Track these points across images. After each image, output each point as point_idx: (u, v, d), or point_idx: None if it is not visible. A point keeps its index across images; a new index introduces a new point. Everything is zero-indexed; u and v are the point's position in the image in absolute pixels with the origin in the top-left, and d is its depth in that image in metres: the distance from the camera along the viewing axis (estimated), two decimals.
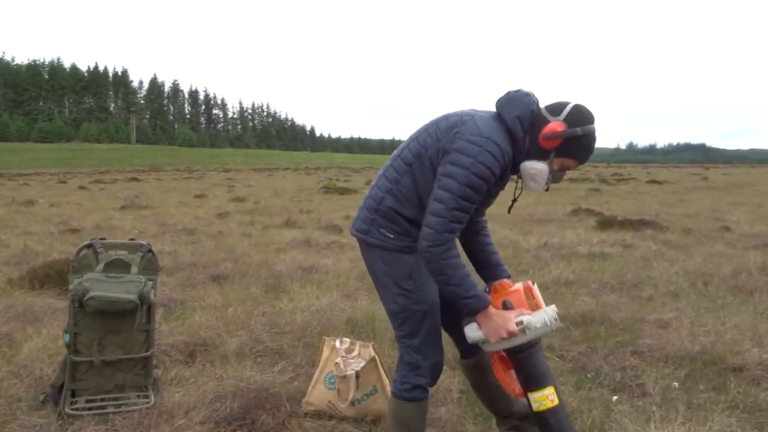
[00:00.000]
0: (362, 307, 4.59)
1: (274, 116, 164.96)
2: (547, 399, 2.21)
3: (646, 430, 2.51)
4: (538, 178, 2.14)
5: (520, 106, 2.14)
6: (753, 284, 5.51)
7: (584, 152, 2.14)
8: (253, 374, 3.27)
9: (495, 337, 2.17)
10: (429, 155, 2.16)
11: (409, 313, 2.24)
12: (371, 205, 2.27)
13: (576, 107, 2.12)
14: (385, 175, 2.27)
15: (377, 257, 2.27)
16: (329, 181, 27.74)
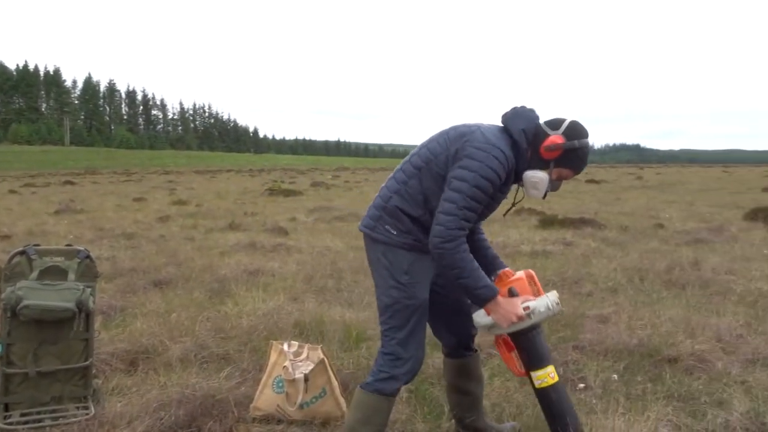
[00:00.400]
0: (310, 309, 4.56)
1: (216, 117, 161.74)
2: (548, 376, 2.42)
3: (589, 422, 2.58)
4: (539, 186, 2.34)
5: (525, 120, 2.36)
6: (685, 279, 5.78)
7: (580, 163, 2.37)
8: (198, 381, 3.20)
9: (506, 322, 2.35)
10: (437, 162, 2.34)
11: (400, 306, 2.36)
12: (379, 203, 2.44)
13: (573, 122, 2.35)
14: (395, 177, 2.45)
15: (379, 251, 2.41)
16: (274, 183, 27.41)
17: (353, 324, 4.16)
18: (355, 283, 5.85)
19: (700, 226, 9.91)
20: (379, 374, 2.38)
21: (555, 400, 2.43)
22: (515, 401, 3.11)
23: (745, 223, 10.41)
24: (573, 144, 2.30)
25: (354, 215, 12.55)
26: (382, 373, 2.37)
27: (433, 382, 3.42)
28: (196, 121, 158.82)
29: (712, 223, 10.15)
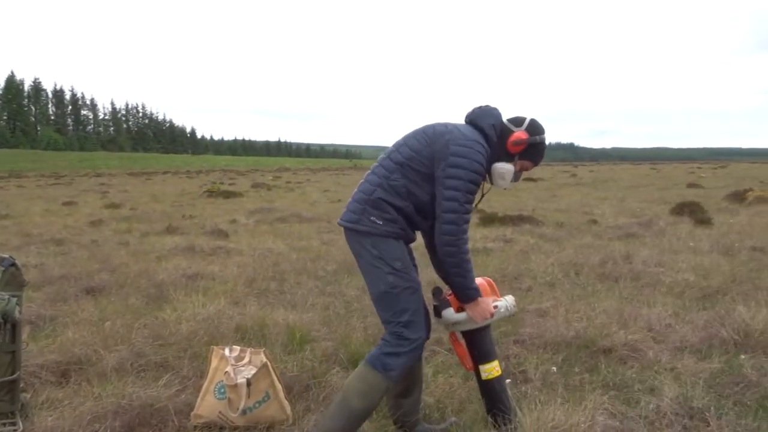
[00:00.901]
0: (252, 313, 4.48)
1: (150, 117, 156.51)
2: (494, 369, 2.74)
3: (530, 414, 2.64)
4: (506, 176, 2.60)
5: (493, 117, 2.62)
6: (618, 272, 6.02)
7: (539, 156, 2.66)
8: (135, 390, 3.08)
9: (480, 318, 2.63)
10: (419, 158, 2.51)
11: (399, 290, 2.49)
12: (361, 197, 2.55)
13: (533, 120, 2.63)
14: (375, 172, 2.58)
15: (367, 243, 2.52)
16: (213, 184, 26.81)
17: (297, 326, 4.11)
18: (298, 285, 5.79)
19: (631, 221, 10.33)
20: (385, 348, 2.50)
21: (498, 391, 2.75)
22: (458, 397, 3.15)
23: (672, 217, 10.93)
24: (535, 139, 2.59)
25: (296, 216, 12.43)
26: (389, 352, 2.48)
27: None
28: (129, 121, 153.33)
29: (641, 218, 10.61)
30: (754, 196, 14.00)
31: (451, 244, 2.46)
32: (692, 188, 20.70)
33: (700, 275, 5.83)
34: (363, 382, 2.51)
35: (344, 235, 2.65)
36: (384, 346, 2.50)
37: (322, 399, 3.11)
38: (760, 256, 6.88)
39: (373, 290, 2.55)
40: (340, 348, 3.78)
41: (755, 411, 2.94)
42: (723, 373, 3.36)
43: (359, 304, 5.02)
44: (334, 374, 3.32)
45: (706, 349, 3.77)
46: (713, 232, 8.95)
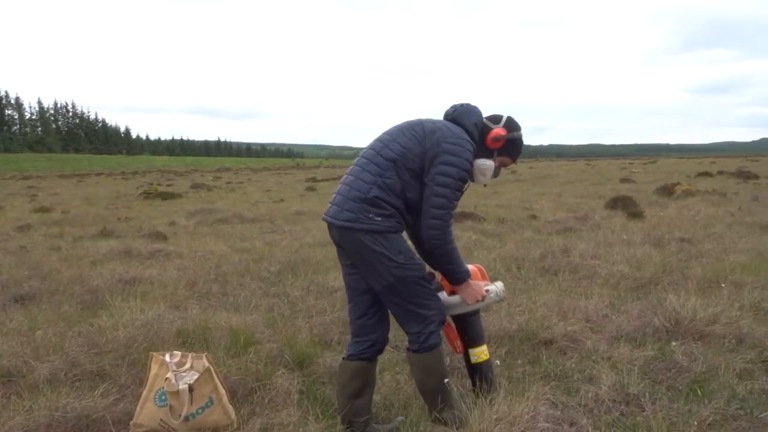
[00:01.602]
0: (193, 316, 4.36)
1: (81, 117, 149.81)
2: (483, 353, 2.92)
3: (474, 408, 2.68)
4: (486, 172, 2.70)
5: (475, 115, 2.72)
6: (557, 265, 6.19)
7: (517, 152, 2.79)
8: (70, 401, 2.95)
9: (472, 299, 2.77)
10: (412, 155, 2.57)
11: (407, 279, 2.59)
12: (357, 195, 2.58)
13: (510, 117, 2.76)
14: (367, 170, 2.61)
15: (368, 240, 2.56)
16: (150, 185, 25.98)
17: (240, 328, 4.03)
18: (241, 287, 5.69)
19: (569, 215, 10.65)
20: (420, 337, 2.66)
21: (485, 372, 2.94)
22: (405, 394, 3.16)
23: (607, 211, 11.35)
24: (513, 135, 2.73)
25: (238, 216, 12.20)
26: (421, 336, 2.65)
27: (324, 381, 3.40)
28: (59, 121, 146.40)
29: (578, 213, 10.95)
30: (681, 190, 14.70)
31: (437, 238, 2.57)
32: (625, 183, 21.54)
33: (634, 267, 6.07)
34: (423, 368, 2.69)
35: (334, 232, 2.69)
36: (418, 336, 2.66)
37: (267, 402, 3.06)
38: (688, 246, 7.22)
39: (378, 284, 2.63)
40: (285, 349, 3.73)
41: (686, 395, 3.08)
42: (656, 360, 3.51)
43: (304, 305, 4.97)
44: (279, 376, 3.27)
45: (641, 337, 3.92)
46: (645, 224, 9.33)
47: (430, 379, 2.70)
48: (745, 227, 8.85)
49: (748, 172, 23.74)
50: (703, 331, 3.88)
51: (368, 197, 2.56)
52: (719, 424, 2.76)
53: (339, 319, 4.43)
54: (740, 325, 3.95)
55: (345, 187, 2.65)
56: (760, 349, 3.64)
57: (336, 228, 2.64)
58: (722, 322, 3.97)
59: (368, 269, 2.63)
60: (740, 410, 2.87)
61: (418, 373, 2.73)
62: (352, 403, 2.75)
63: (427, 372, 2.70)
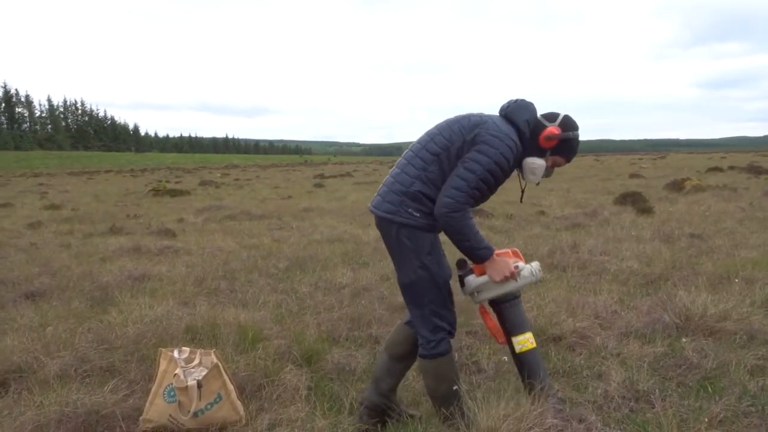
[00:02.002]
0: (202, 313, 4.37)
1: (90, 114, 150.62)
2: (528, 342, 2.70)
3: (482, 404, 2.67)
4: (537, 172, 2.64)
5: (528, 111, 2.64)
6: (566, 261, 6.16)
7: (572, 152, 2.70)
8: (80, 397, 2.96)
9: (499, 276, 2.64)
10: (456, 147, 2.56)
11: (426, 283, 2.60)
12: (399, 188, 2.61)
13: (566, 116, 2.66)
14: (412, 163, 2.62)
15: (403, 234, 2.60)
16: (158, 183, 26.08)
17: (249, 325, 4.04)
18: (249, 283, 5.70)
19: (577, 211, 10.61)
20: (429, 344, 2.64)
21: (532, 363, 2.70)
22: (413, 391, 3.16)
23: (616, 207, 11.28)
24: (568, 135, 2.62)
25: (246, 213, 12.23)
26: (431, 342, 2.64)
27: (332, 377, 3.40)
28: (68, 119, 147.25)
29: (587, 208, 10.90)
30: (691, 185, 14.59)
31: (445, 216, 2.48)
32: (634, 179, 21.42)
33: (643, 262, 6.03)
34: (433, 374, 2.68)
35: (376, 222, 2.73)
36: (427, 343, 2.65)
37: (275, 398, 3.06)
38: (698, 242, 7.17)
39: (403, 279, 2.67)
40: (294, 345, 3.74)
41: (697, 391, 3.06)
42: (666, 356, 3.48)
43: (312, 301, 4.98)
44: (288, 372, 3.28)
45: (650, 333, 3.90)
46: (654, 220, 9.27)
47: (441, 385, 2.69)
48: (756, 222, 8.77)
49: (759, 167, 23.53)
50: (714, 327, 3.85)
51: (410, 191, 2.58)
52: (730, 421, 2.73)
53: (347, 315, 4.44)
54: (751, 321, 3.91)
55: (390, 179, 2.68)
56: None
57: (377, 218, 2.70)
58: (733, 318, 3.94)
59: (398, 262, 2.67)
60: (751, 407, 2.84)
61: (428, 379, 2.72)
62: (391, 365, 2.84)
63: (438, 379, 2.69)
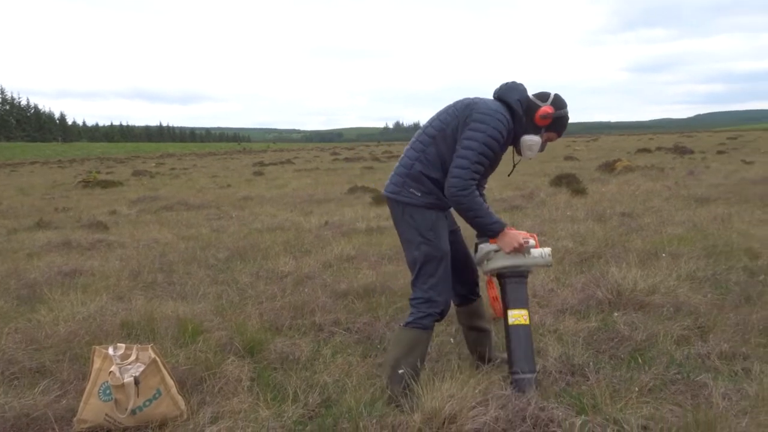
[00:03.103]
0: (138, 307, 4.24)
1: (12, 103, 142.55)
2: (522, 317, 2.88)
3: (426, 385, 2.70)
4: (533, 148, 2.84)
5: (519, 92, 2.83)
6: None
7: (563, 128, 2.90)
8: (8, 400, 2.82)
9: (509, 247, 2.85)
10: (450, 129, 2.78)
11: (429, 258, 2.80)
12: (402, 171, 2.85)
13: (557, 95, 2.85)
14: (413, 147, 2.87)
15: (406, 213, 2.83)
16: (88, 173, 25.02)
17: (188, 317, 3.95)
18: (188, 275, 5.56)
19: (515, 193, 10.86)
20: (418, 314, 2.81)
21: (522, 337, 2.85)
22: (357, 375, 3.17)
23: (551, 188, 11.62)
24: (560, 113, 2.83)
25: (183, 203, 11.91)
26: (420, 314, 2.81)
27: (276, 367, 3.37)
28: None
29: (524, 191, 11.17)
30: (622, 166, 15.19)
31: (455, 194, 2.69)
32: (569, 161, 22.08)
33: (578, 242, 6.24)
34: (405, 344, 2.82)
35: (387, 203, 2.99)
36: (417, 313, 2.81)
37: (217, 390, 3.01)
38: (628, 221, 7.48)
39: (408, 256, 2.89)
40: (235, 337, 3.68)
41: (628, 362, 3.20)
42: (599, 331, 3.63)
43: (253, 291, 4.90)
44: (230, 364, 3.22)
45: (585, 309, 4.05)
46: (588, 201, 9.61)
47: (407, 359, 2.79)
48: (681, 200, 9.23)
49: (684, 148, 24.77)
50: (643, 301, 4.03)
51: (411, 172, 2.82)
52: (659, 389, 2.88)
53: (290, 304, 4.40)
54: (677, 294, 4.12)
55: (397, 163, 2.93)
56: (695, 316, 3.81)
57: (386, 199, 2.95)
58: (661, 291, 4.14)
59: (404, 240, 2.90)
60: (678, 375, 3.00)
61: (398, 348, 2.83)
62: (476, 336, 3.19)
63: (407, 350, 2.80)
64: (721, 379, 2.94)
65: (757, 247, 5.59)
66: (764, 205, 8.32)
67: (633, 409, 2.58)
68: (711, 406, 2.64)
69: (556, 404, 2.62)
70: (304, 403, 2.87)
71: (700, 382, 2.90)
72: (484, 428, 2.45)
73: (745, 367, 3.07)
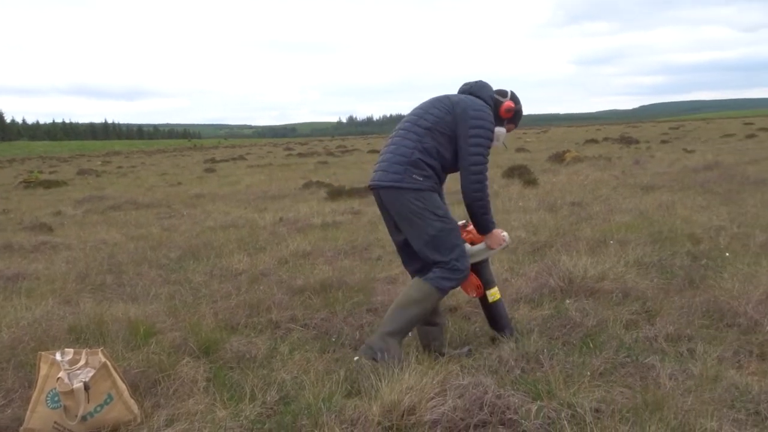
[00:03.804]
0: (87, 311, 4.10)
1: None
2: (496, 293, 3.42)
3: (385, 379, 2.72)
4: (500, 137, 3.21)
5: (488, 90, 3.26)
6: None
7: (519, 120, 3.35)
8: None
9: (496, 244, 3.28)
10: (443, 123, 3.10)
11: (446, 232, 3.09)
12: (401, 159, 3.10)
13: (512, 92, 3.32)
14: (408, 138, 3.13)
15: (411, 198, 3.07)
16: (30, 173, 24.08)
17: (140, 319, 3.84)
18: (138, 276, 5.42)
19: None
20: (442, 275, 3.09)
21: (501, 310, 3.46)
22: (315, 371, 3.14)
23: (504, 180, 11.81)
24: (519, 107, 3.29)
25: (131, 203, 11.59)
26: (444, 276, 3.09)
27: (232, 366, 3.32)
28: None
29: None
30: (571, 157, 15.57)
31: (478, 191, 3.09)
32: (520, 152, 22.48)
33: (530, 231, 6.37)
34: (420, 292, 3.11)
35: (378, 195, 3.22)
36: (440, 272, 3.08)
37: (172, 393, 2.94)
38: (578, 210, 7.68)
39: (422, 237, 3.10)
40: (190, 337, 3.60)
41: (580, 348, 3.28)
42: (552, 318, 3.71)
43: (207, 290, 4.82)
44: (184, 365, 3.15)
45: (538, 298, 4.13)
46: (539, 191, 9.81)
47: (414, 309, 3.11)
48: (628, 189, 9.52)
49: (629, 138, 25.57)
50: (594, 287, 4.15)
51: (411, 159, 3.07)
52: (609, 372, 2.96)
53: (245, 302, 4.34)
54: (626, 280, 4.25)
55: (389, 155, 3.15)
56: (642, 301, 3.94)
57: (383, 190, 3.14)
58: (610, 278, 4.26)
59: (412, 226, 3.11)
60: (627, 358, 3.10)
61: (412, 293, 3.13)
62: (428, 330, 3.33)
63: (418, 302, 3.11)
64: (668, 360, 3.05)
65: (699, 232, 5.82)
66: (705, 192, 8.68)
67: (586, 392, 2.65)
68: (659, 386, 2.73)
69: (512, 391, 2.66)
70: (262, 401, 2.84)
71: (648, 364, 3.00)
72: (442, 418, 2.47)
73: (690, 348, 3.20)
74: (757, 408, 2.52)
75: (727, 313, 3.61)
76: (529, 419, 2.44)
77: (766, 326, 3.35)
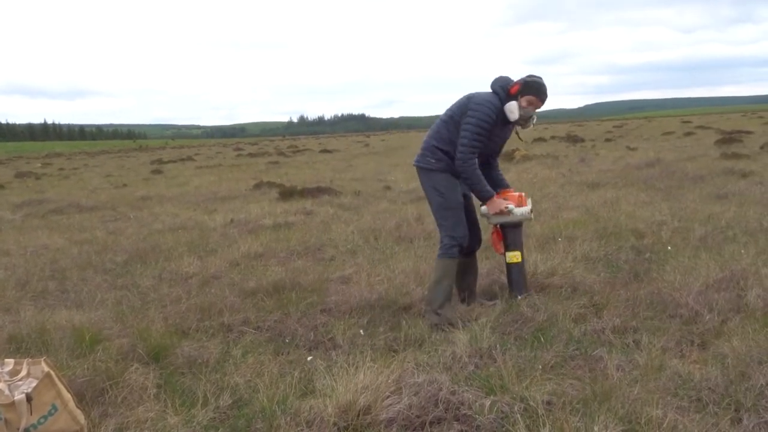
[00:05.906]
0: (28, 319, 3.95)
1: None
2: (515, 257, 4.01)
3: (341, 379, 2.71)
4: (513, 109, 3.72)
5: (501, 80, 3.83)
6: (412, 233, 6.42)
7: (538, 89, 3.77)
8: None
9: (494, 210, 3.89)
10: (458, 115, 3.79)
11: (444, 206, 3.85)
12: (423, 146, 3.92)
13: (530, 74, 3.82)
14: (432, 128, 3.91)
15: (424, 176, 3.91)
16: None
17: (85, 326, 3.71)
18: (83, 282, 5.24)
19: None
20: (447, 245, 3.82)
21: (518, 271, 4.03)
22: (269, 373, 3.11)
23: None
24: (526, 79, 3.77)
25: (74, 206, 11.18)
26: (448, 245, 3.82)
27: (183, 372, 3.24)
28: None
29: None
30: (520, 155, 15.85)
31: (460, 167, 3.73)
32: None
33: (482, 229, 6.44)
34: (439, 269, 3.82)
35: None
36: (445, 243, 3.82)
37: (120, 401, 2.86)
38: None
39: (431, 208, 3.94)
40: (138, 343, 3.50)
41: (531, 342, 3.35)
42: (505, 314, 3.77)
43: (156, 294, 4.70)
44: (133, 372, 3.06)
45: (491, 294, 4.19)
46: None
47: (442, 282, 3.78)
48: (575, 186, 9.78)
49: (576, 136, 26.23)
50: (544, 283, 4.24)
51: (429, 146, 3.87)
52: (560, 365, 3.04)
53: (196, 305, 4.25)
54: (574, 275, 4.37)
55: (422, 142, 3.93)
56: (590, 295, 4.05)
57: (416, 168, 3.97)
58: (559, 273, 4.37)
59: (428, 198, 3.94)
60: (576, 351, 3.18)
61: (435, 273, 3.85)
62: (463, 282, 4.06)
63: (441, 273, 3.80)
64: (615, 352, 3.14)
65: (642, 227, 6.03)
66: (647, 188, 8.99)
67: (537, 386, 2.71)
68: (607, 377, 2.82)
69: (466, 387, 2.70)
70: (215, 406, 2.79)
71: (597, 356, 3.10)
72: (398, 417, 2.48)
73: (636, 339, 3.31)
74: (699, 395, 2.63)
75: (670, 305, 3.75)
76: (483, 414, 2.47)
77: (706, 316, 3.50)
